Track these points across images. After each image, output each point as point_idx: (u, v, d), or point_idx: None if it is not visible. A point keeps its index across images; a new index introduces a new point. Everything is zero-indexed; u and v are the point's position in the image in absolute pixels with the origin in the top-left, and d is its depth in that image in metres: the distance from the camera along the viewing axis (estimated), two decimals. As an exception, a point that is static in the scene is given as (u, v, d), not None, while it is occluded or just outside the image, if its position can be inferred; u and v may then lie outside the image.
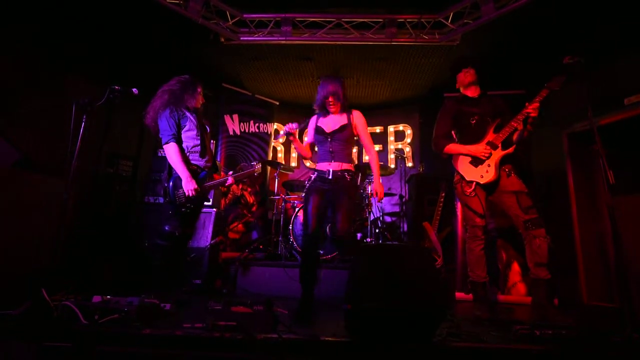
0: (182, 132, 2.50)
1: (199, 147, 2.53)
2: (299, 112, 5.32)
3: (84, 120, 2.39)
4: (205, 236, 3.21)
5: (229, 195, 4.44)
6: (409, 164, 5.19)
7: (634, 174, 2.76)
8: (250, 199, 4.62)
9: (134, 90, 2.56)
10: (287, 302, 2.38)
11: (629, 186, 2.69)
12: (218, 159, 4.50)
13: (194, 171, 2.46)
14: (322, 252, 3.34)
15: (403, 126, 5.41)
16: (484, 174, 2.36)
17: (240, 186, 4.53)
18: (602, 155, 1.86)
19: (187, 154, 2.51)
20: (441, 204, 3.72)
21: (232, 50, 3.96)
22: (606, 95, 3.01)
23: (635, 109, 2.85)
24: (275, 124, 5.21)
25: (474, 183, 2.39)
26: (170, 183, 2.44)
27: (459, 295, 3.13)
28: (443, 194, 3.74)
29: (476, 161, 2.41)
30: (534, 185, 3.29)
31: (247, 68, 4.47)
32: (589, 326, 2.02)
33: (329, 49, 3.97)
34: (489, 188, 2.40)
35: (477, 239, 2.41)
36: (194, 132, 2.52)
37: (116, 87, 2.49)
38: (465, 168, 2.44)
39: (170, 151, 2.41)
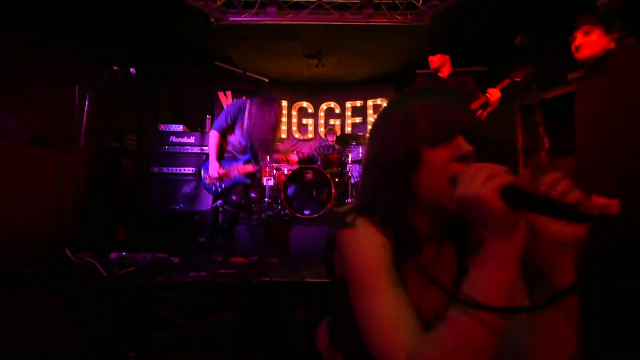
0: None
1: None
2: (285, 88, 5.24)
3: (87, 99, 2.34)
4: (206, 201, 3.26)
5: None
6: (385, 134, 5.22)
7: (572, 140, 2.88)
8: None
9: (132, 70, 2.49)
10: (279, 254, 2.50)
11: (568, 150, 2.82)
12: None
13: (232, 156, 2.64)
14: (307, 212, 3.44)
15: (380, 100, 5.40)
16: None
17: None
18: (540, 123, 1.95)
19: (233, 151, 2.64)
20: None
21: (222, 30, 3.79)
22: (554, 71, 3.05)
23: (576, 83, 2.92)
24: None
25: None
26: (202, 171, 2.66)
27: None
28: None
29: None
30: (490, 152, 3.38)
31: (237, 47, 4.31)
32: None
33: (313, 29, 3.84)
34: None
35: None
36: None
37: (115, 68, 2.42)
38: None
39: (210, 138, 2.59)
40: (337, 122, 5.55)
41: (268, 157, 3.37)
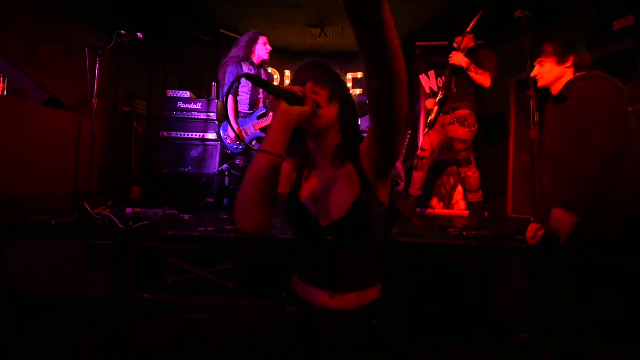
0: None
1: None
2: (289, 58, 5.07)
3: (97, 62, 2.30)
4: (213, 165, 3.30)
5: None
6: (384, 106, 5.13)
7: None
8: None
9: (139, 34, 2.41)
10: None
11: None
12: (221, 101, 4.37)
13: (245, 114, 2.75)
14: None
15: (381, 72, 5.23)
16: (431, 116, 2.54)
17: None
18: (532, 97, 1.92)
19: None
20: (407, 140, 3.81)
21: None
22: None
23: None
24: (270, 68, 4.97)
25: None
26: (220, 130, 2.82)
27: (419, 210, 3.37)
28: (409, 131, 3.81)
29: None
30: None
31: (242, 15, 4.11)
32: (504, 230, 2.26)
33: (316, -3, 3.64)
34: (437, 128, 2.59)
35: (417, 168, 2.74)
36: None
37: (122, 32, 2.34)
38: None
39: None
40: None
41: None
